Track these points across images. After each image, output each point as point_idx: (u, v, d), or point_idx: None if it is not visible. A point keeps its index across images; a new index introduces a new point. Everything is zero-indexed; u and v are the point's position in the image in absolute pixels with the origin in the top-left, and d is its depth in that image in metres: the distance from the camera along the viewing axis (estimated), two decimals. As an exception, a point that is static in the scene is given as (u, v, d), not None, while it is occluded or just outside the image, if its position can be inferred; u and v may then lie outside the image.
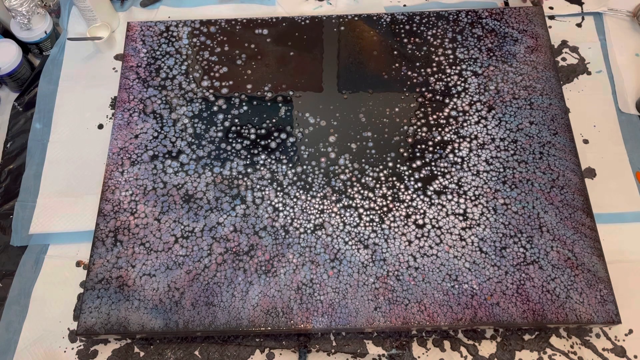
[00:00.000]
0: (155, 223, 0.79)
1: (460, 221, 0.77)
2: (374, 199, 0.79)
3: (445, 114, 0.86)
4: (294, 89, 0.90)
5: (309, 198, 0.80)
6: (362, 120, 0.86)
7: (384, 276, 0.74)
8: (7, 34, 1.00)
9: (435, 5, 1.02)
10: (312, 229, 0.77)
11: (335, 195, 0.80)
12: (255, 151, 0.84)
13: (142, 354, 0.75)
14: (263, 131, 0.86)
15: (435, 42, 0.93)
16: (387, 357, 0.74)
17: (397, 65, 0.91)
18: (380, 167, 0.82)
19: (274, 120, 0.87)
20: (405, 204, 0.79)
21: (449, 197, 0.79)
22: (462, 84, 0.88)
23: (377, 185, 0.80)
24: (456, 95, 0.87)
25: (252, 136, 0.85)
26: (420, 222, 0.77)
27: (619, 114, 0.90)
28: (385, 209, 0.79)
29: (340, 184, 0.81)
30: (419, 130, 0.85)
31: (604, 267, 0.74)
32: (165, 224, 0.79)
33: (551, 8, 1.01)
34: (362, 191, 0.80)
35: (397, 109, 0.87)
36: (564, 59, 0.96)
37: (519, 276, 0.73)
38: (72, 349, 0.75)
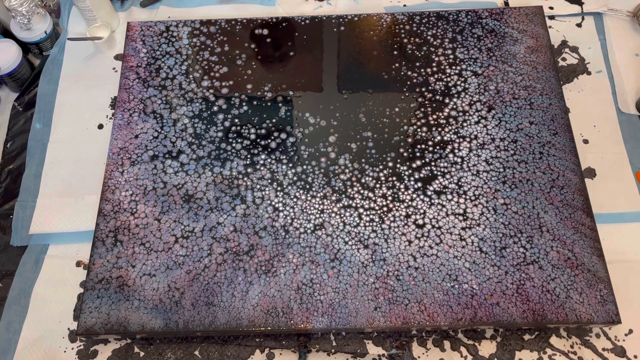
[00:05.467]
0: (155, 223, 0.79)
1: (460, 221, 0.77)
2: (374, 198, 0.79)
3: (445, 114, 0.86)
4: (294, 89, 0.90)
5: (309, 198, 0.80)
6: (362, 120, 0.86)
7: (384, 276, 0.74)
8: (7, 34, 1.00)
9: (435, 5, 1.02)
10: (312, 229, 0.77)
11: (335, 195, 0.80)
12: (255, 151, 0.84)
13: (142, 354, 0.75)
14: (263, 131, 0.86)
15: (435, 42, 0.93)
16: (387, 357, 0.74)
17: (397, 65, 0.91)
18: (380, 167, 0.82)
19: (274, 120, 0.87)
20: (405, 204, 0.79)
21: (449, 197, 0.79)
22: (462, 84, 0.88)
23: (377, 185, 0.80)
24: (456, 95, 0.87)
25: (252, 136, 0.85)
26: (420, 222, 0.77)
27: (619, 114, 0.90)
28: (385, 208, 0.79)
29: (340, 184, 0.81)
30: (419, 130, 0.85)
31: (604, 267, 0.74)
32: (165, 224, 0.79)
33: (551, 8, 1.01)
34: (362, 191, 0.80)
35: (397, 109, 0.87)
36: (564, 59, 0.96)
37: (519, 276, 0.73)
38: (72, 349, 0.75)
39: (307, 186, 0.81)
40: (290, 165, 0.83)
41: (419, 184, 0.80)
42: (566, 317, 0.71)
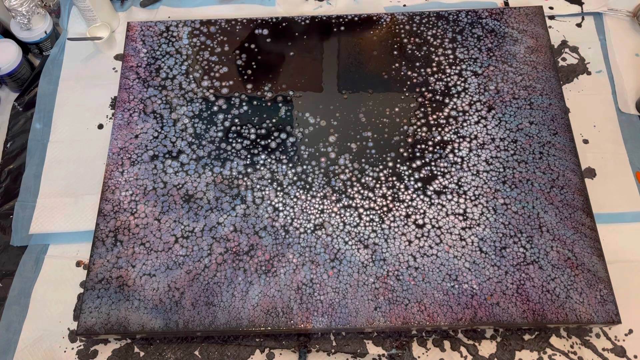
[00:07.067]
0: (155, 223, 0.79)
1: (460, 221, 0.77)
2: (374, 198, 0.79)
3: (445, 113, 0.86)
4: (294, 89, 0.90)
5: (309, 198, 0.80)
6: (362, 120, 0.86)
7: (384, 276, 0.74)
8: (7, 34, 1.00)
9: (435, 5, 1.02)
10: (312, 228, 0.77)
11: (335, 195, 0.80)
12: (255, 151, 0.84)
13: (142, 354, 0.75)
14: (263, 131, 0.86)
15: (435, 42, 0.93)
16: (387, 357, 0.74)
17: (397, 65, 0.91)
18: (380, 167, 0.82)
19: (274, 120, 0.87)
20: (405, 204, 0.79)
21: (449, 197, 0.79)
22: (462, 84, 0.88)
23: (377, 185, 0.80)
24: (456, 95, 0.87)
25: (252, 136, 0.85)
26: (420, 222, 0.77)
27: (619, 114, 0.90)
28: (385, 208, 0.79)
29: (340, 184, 0.81)
30: (419, 130, 0.85)
31: (604, 267, 0.74)
32: (165, 224, 0.79)
33: (551, 8, 1.01)
34: (362, 191, 0.80)
35: (397, 109, 0.87)
36: (564, 59, 0.96)
37: (519, 276, 0.73)
38: (72, 349, 0.75)
39: (307, 186, 0.81)
40: (290, 165, 0.83)
41: (419, 184, 0.80)
42: (566, 317, 0.71)
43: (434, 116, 0.86)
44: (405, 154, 0.83)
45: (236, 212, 0.79)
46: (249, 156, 0.84)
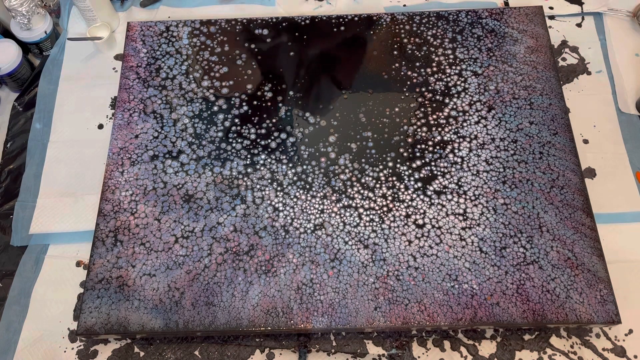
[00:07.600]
0: (155, 223, 0.79)
1: (460, 221, 0.77)
2: (374, 198, 0.79)
3: (445, 113, 0.86)
4: (294, 89, 0.90)
5: (309, 198, 0.80)
6: (362, 120, 0.86)
7: (384, 276, 0.74)
8: (7, 34, 1.00)
9: (435, 5, 1.02)
10: (312, 228, 0.77)
11: (335, 195, 0.80)
12: (256, 151, 0.84)
13: (142, 354, 0.75)
14: (263, 131, 0.86)
15: (435, 42, 0.93)
16: (387, 357, 0.74)
17: (397, 65, 0.91)
18: (380, 167, 0.82)
19: (274, 120, 0.87)
20: (405, 204, 0.79)
21: (449, 197, 0.79)
22: (462, 84, 0.88)
23: (377, 185, 0.80)
24: (456, 95, 0.87)
25: (252, 136, 0.85)
26: (420, 222, 0.77)
27: (619, 114, 0.90)
28: (385, 208, 0.79)
29: (340, 184, 0.81)
30: (419, 130, 0.85)
31: (604, 267, 0.74)
32: (165, 224, 0.79)
33: (551, 8, 1.01)
34: (362, 191, 0.80)
35: (397, 109, 0.87)
36: (564, 59, 0.96)
37: (519, 276, 0.73)
38: (72, 349, 0.75)
39: (307, 186, 0.81)
40: (290, 165, 0.83)
41: (419, 184, 0.80)
42: (566, 317, 0.71)
43: (434, 116, 0.86)
44: (405, 154, 0.83)
45: (236, 212, 0.79)
46: (249, 156, 0.84)
